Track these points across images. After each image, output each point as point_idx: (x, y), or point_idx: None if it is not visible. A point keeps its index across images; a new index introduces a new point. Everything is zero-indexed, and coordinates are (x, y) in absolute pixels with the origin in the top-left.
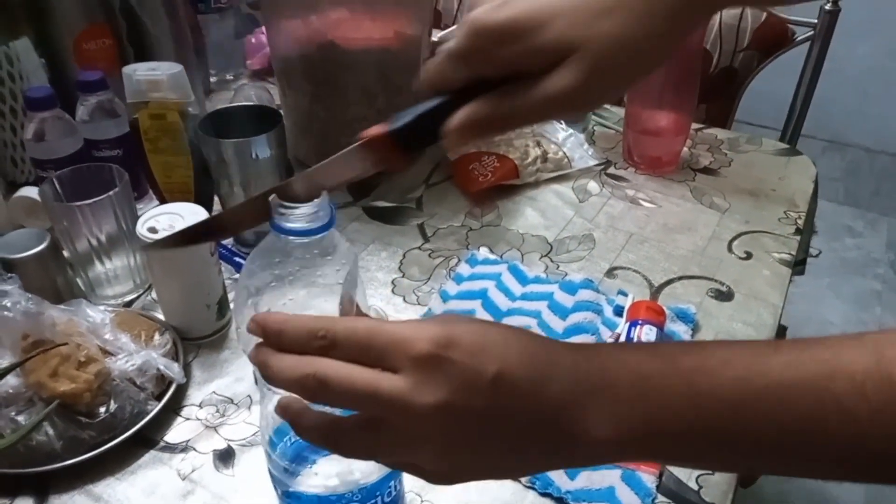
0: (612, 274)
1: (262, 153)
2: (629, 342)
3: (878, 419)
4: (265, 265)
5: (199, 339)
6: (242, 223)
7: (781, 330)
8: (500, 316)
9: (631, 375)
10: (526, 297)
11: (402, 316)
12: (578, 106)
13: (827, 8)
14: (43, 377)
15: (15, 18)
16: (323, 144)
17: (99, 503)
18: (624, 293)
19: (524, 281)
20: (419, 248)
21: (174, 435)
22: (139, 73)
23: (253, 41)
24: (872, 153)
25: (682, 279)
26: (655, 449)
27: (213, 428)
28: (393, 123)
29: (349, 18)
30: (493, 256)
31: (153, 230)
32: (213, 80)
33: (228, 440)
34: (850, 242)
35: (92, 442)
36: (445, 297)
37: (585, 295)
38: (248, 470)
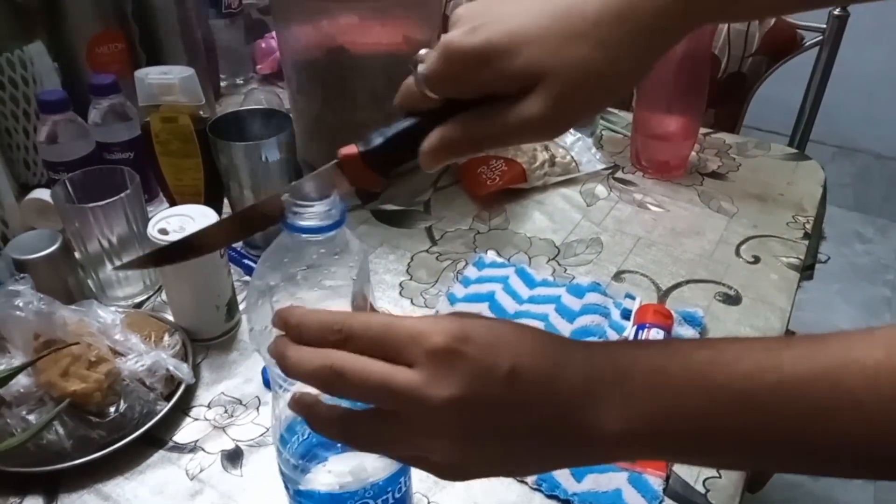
0: (619, 277)
1: (271, 156)
2: (643, 339)
3: (890, 411)
4: (277, 264)
5: (208, 340)
6: (221, 240)
7: (789, 335)
8: (507, 318)
9: (643, 370)
10: (533, 300)
11: None
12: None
13: (836, 13)
14: (54, 377)
15: (29, 23)
16: (331, 148)
17: (108, 502)
18: (631, 296)
19: (531, 284)
20: (427, 250)
21: (183, 435)
22: (151, 76)
23: (263, 46)
24: (882, 159)
25: (689, 283)
26: (667, 444)
27: (221, 428)
28: (365, 144)
29: (358, 23)
30: (500, 259)
31: (163, 232)
32: (223, 84)
33: (237, 440)
34: (859, 248)
35: (101, 441)
36: (453, 299)
37: (593, 298)
38: (256, 470)
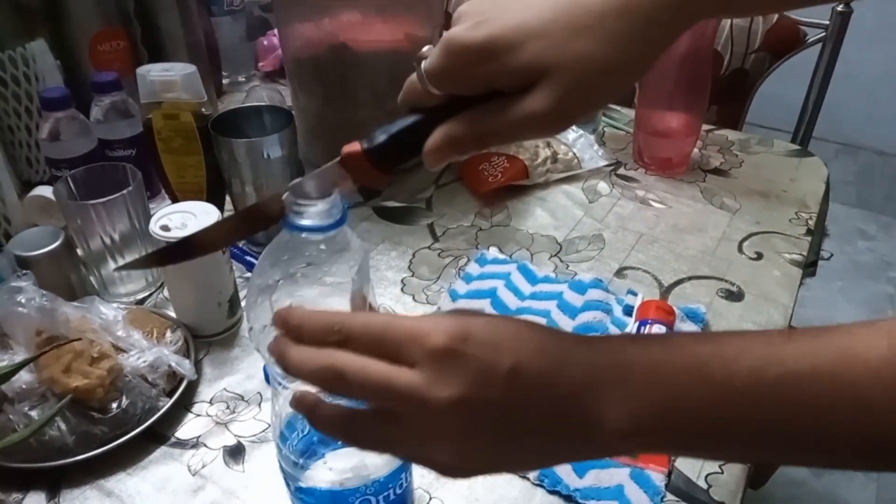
0: (621, 274)
1: (273, 153)
2: (644, 334)
3: (893, 404)
4: (278, 263)
5: (210, 336)
6: (221, 241)
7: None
8: (509, 315)
9: (645, 364)
10: (535, 296)
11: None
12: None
13: (839, 9)
14: (56, 373)
15: (32, 20)
16: (333, 145)
17: (110, 498)
18: (633, 293)
19: (533, 280)
20: (429, 247)
21: (185, 431)
22: (153, 73)
23: (265, 43)
24: (886, 156)
25: (691, 279)
26: (670, 438)
27: (223, 424)
28: (368, 142)
29: (360, 21)
30: (502, 256)
31: (166, 228)
32: (225, 81)
33: (239, 436)
34: (862, 246)
35: (104, 437)
36: (455, 296)
37: (595, 294)
38: (258, 466)
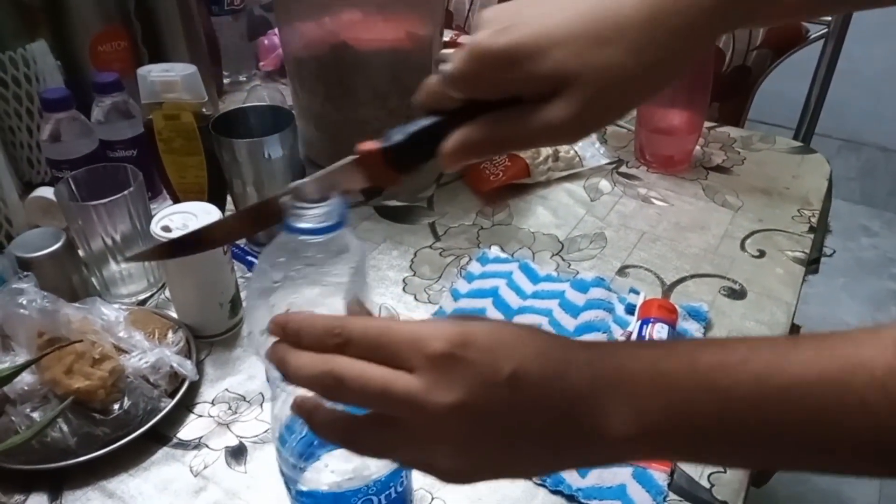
0: (623, 272)
1: (274, 153)
2: (643, 339)
3: None
4: (277, 265)
5: (211, 337)
6: (231, 235)
7: (795, 329)
8: (510, 314)
9: (649, 371)
10: (537, 295)
11: (413, 314)
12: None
13: None
14: (58, 374)
15: (32, 21)
16: (335, 145)
17: (112, 499)
18: (636, 291)
19: (535, 279)
20: (430, 246)
21: (187, 432)
22: (154, 74)
23: (266, 43)
24: (888, 152)
25: (694, 277)
26: (673, 446)
27: (225, 425)
28: (385, 141)
29: (361, 20)
30: (504, 255)
31: (167, 229)
32: (226, 81)
33: (240, 437)
34: (865, 242)
35: (106, 438)
36: (456, 295)
37: (597, 293)
38: (259, 467)
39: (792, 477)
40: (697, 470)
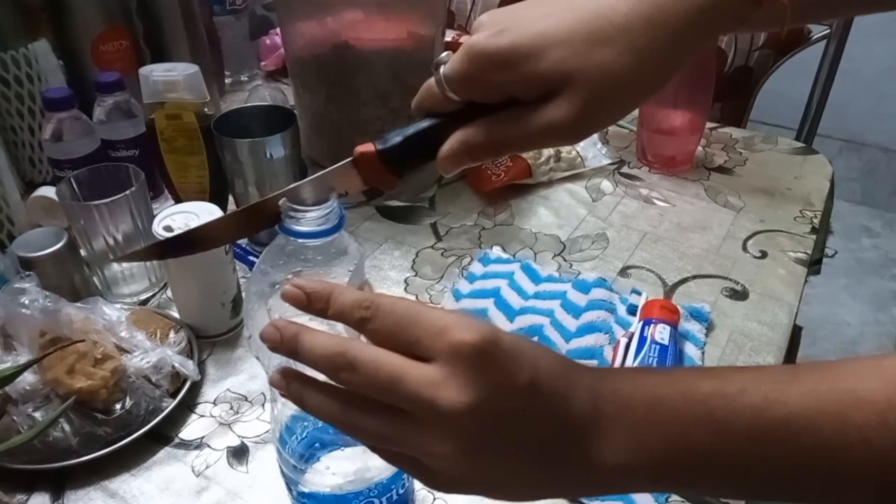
0: (625, 273)
1: (276, 153)
2: (646, 366)
3: None
4: (275, 268)
5: (213, 336)
6: (226, 236)
7: (797, 330)
8: (512, 315)
9: (646, 399)
10: (539, 295)
11: None
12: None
13: None
14: (60, 374)
15: (34, 20)
16: (336, 144)
17: (114, 499)
18: (638, 292)
19: (537, 280)
20: (432, 247)
21: (189, 432)
22: (156, 73)
23: (267, 42)
24: (890, 153)
25: (696, 278)
26: (671, 475)
27: (227, 425)
28: (383, 143)
29: (363, 19)
30: (505, 255)
31: (169, 229)
32: (227, 80)
33: (242, 437)
34: (867, 243)
35: (108, 438)
36: (458, 295)
37: (599, 294)
38: (261, 467)
39: None
40: None
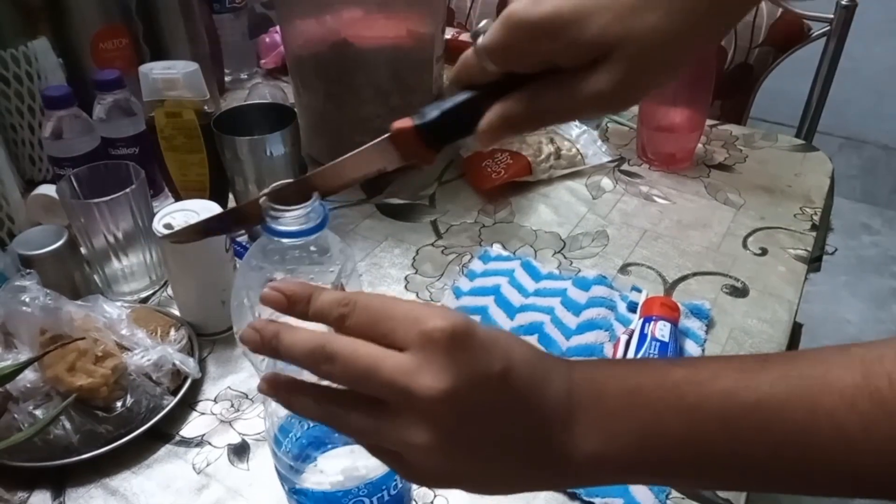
0: (625, 270)
1: (276, 151)
2: (623, 359)
3: (869, 432)
4: (260, 266)
5: (214, 334)
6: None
7: (797, 327)
8: (512, 312)
9: (619, 387)
10: (539, 293)
11: None
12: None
13: (843, 3)
14: (60, 372)
15: (34, 19)
16: (336, 142)
17: (115, 496)
18: (638, 289)
19: (537, 277)
20: (432, 244)
21: (189, 429)
22: (155, 71)
23: (267, 40)
24: (890, 150)
25: (696, 275)
26: (643, 465)
27: (227, 423)
28: (420, 117)
29: (363, 17)
30: (505, 253)
31: (169, 227)
32: (227, 78)
33: (243, 435)
34: (867, 240)
35: (108, 436)
36: (458, 293)
37: (599, 291)
38: (262, 464)
39: None
40: None
